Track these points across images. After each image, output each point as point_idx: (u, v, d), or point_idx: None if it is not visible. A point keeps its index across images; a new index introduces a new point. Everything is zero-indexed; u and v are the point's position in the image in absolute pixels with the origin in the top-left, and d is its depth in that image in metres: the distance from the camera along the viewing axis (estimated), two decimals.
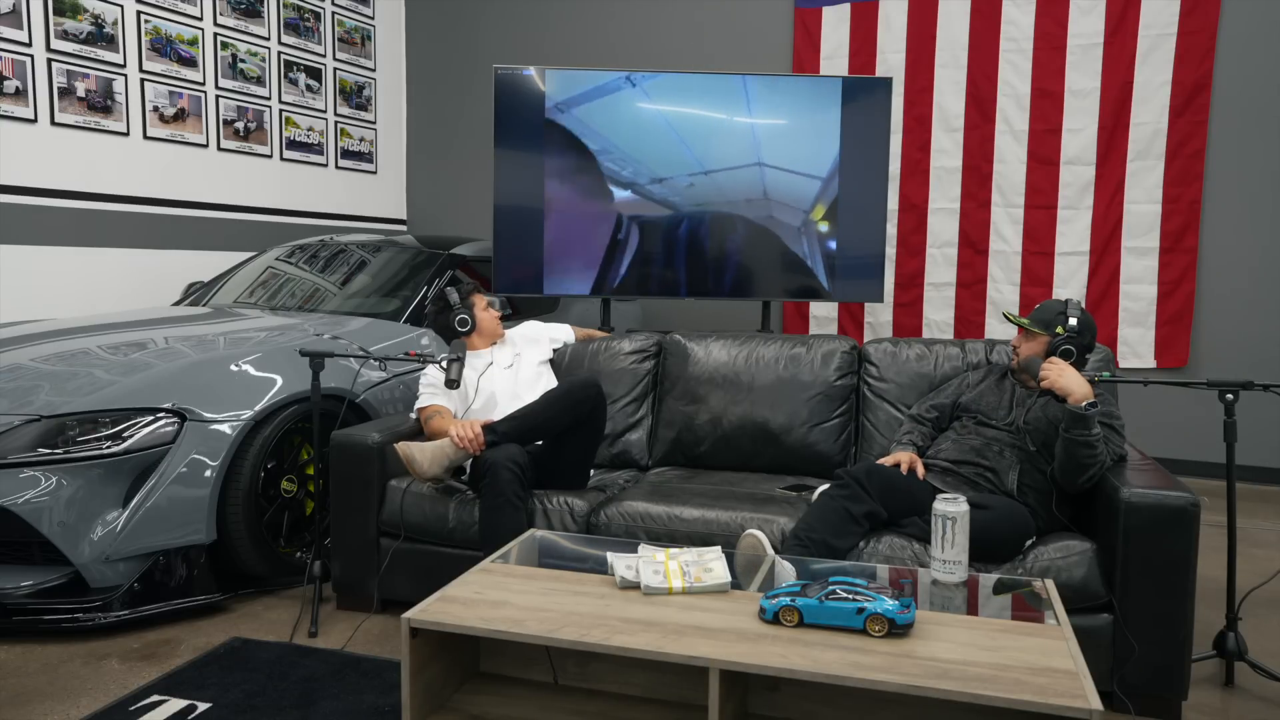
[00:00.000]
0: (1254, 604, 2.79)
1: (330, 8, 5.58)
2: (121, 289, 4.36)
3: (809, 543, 2.23)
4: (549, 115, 4.03)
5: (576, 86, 4.04)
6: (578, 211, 4.07)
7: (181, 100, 4.63)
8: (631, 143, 4.06)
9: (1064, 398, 2.29)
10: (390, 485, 2.73)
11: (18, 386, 2.70)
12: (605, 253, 4.10)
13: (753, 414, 3.00)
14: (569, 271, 4.10)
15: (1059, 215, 4.80)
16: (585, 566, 2.07)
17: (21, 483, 2.50)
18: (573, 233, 4.08)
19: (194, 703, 2.16)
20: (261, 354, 2.96)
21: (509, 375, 2.98)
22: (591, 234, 4.09)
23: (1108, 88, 4.66)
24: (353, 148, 5.79)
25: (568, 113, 4.04)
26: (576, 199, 4.07)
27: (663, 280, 4.13)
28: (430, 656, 1.88)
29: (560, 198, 4.06)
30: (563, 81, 4.04)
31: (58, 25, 4.04)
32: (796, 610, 1.72)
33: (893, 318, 5.13)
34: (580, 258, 4.10)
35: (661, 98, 4.06)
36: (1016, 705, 1.47)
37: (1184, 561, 2.10)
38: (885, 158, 4.12)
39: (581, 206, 4.07)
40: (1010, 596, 1.98)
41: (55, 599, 2.56)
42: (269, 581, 2.89)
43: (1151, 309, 4.70)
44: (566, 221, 4.07)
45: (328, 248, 4.11)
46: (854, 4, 5.04)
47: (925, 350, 2.98)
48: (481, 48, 5.91)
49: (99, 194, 4.26)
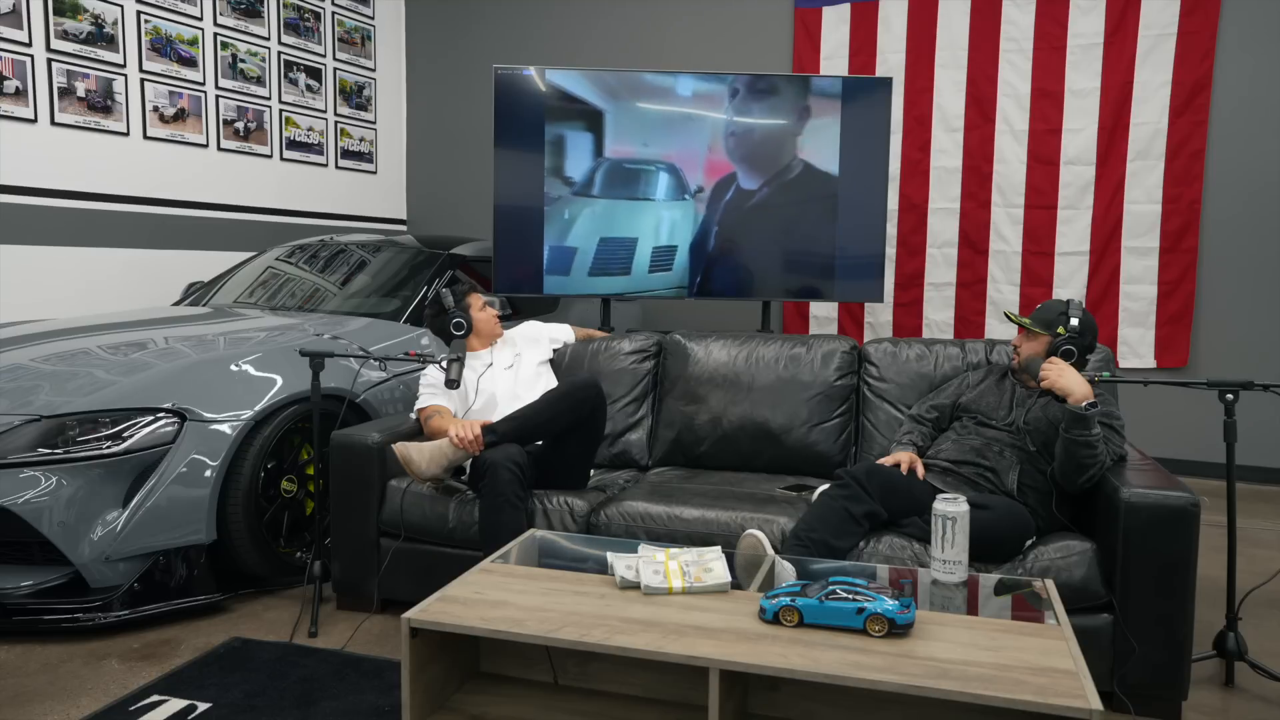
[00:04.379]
0: (1254, 604, 2.79)
1: (330, 8, 5.58)
2: (121, 289, 4.36)
3: (809, 543, 2.23)
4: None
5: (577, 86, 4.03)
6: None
7: (181, 100, 4.63)
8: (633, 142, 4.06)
9: (1064, 398, 2.29)
10: (390, 485, 2.73)
11: (18, 386, 2.70)
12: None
13: (753, 414, 3.00)
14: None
15: (1059, 215, 4.80)
16: (585, 566, 2.07)
17: (21, 483, 2.50)
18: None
19: (194, 703, 2.16)
20: (261, 354, 2.96)
21: (509, 375, 2.98)
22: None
23: (1108, 88, 4.66)
24: (353, 148, 5.79)
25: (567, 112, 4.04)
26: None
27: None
28: (430, 656, 1.88)
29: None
30: (563, 81, 4.04)
31: (58, 25, 4.04)
32: (796, 610, 1.72)
33: (893, 318, 5.13)
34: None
35: (662, 99, 4.06)
36: (1016, 705, 1.46)
37: (1184, 561, 2.10)
38: (885, 158, 4.12)
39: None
40: (1010, 596, 1.98)
41: (55, 599, 2.56)
42: (269, 581, 2.89)
43: (1151, 309, 4.70)
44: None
45: (328, 248, 4.11)
46: (854, 4, 5.04)
47: (925, 350, 2.98)
48: (481, 48, 5.91)
49: (99, 194, 4.26)
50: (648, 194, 4.01)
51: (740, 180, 4.10)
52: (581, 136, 3.96)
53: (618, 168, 4.00)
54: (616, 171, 3.90)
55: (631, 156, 4.01)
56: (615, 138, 4.01)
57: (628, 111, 4.00)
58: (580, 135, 3.97)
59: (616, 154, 4.01)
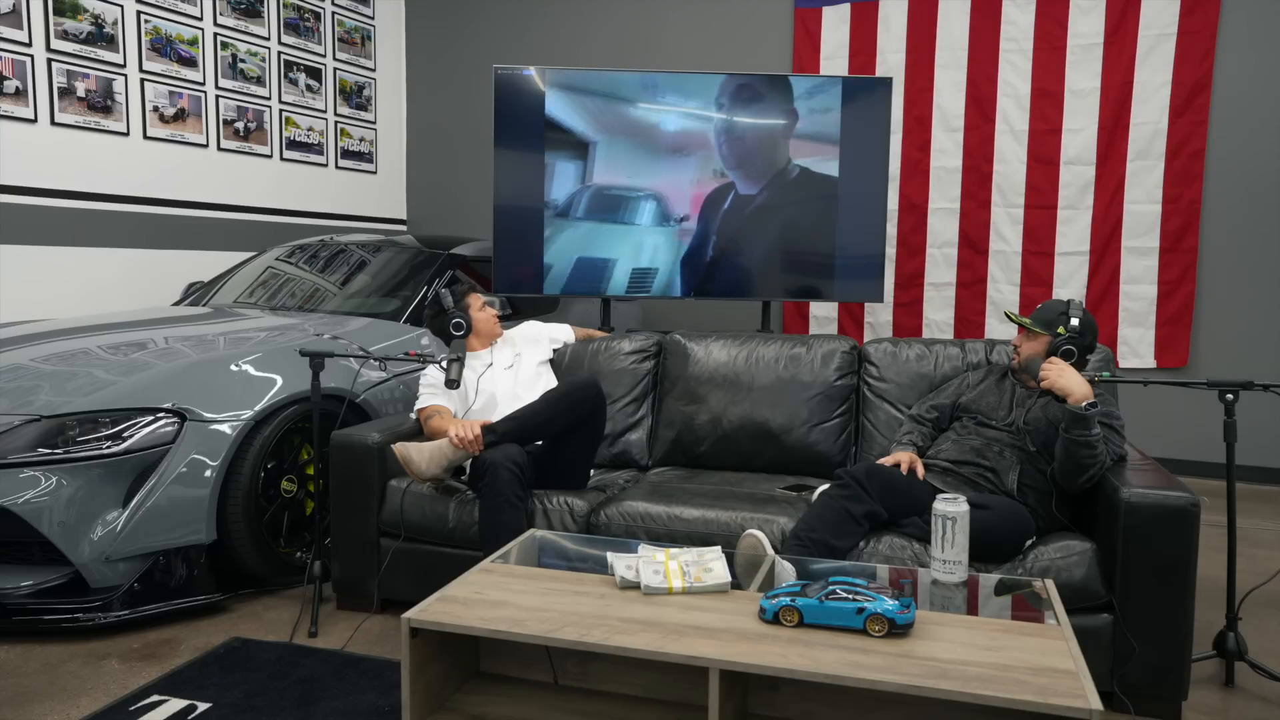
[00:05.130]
0: (1254, 604, 2.79)
1: (330, 8, 5.58)
2: (121, 289, 4.36)
3: (809, 543, 2.23)
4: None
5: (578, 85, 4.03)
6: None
7: (181, 100, 4.63)
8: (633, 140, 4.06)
9: (1064, 398, 2.29)
10: (390, 485, 2.73)
11: (18, 386, 2.70)
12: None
13: (753, 414, 3.00)
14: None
15: (1059, 215, 4.80)
16: (585, 566, 2.07)
17: (21, 483, 2.50)
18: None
19: (194, 703, 2.16)
20: (261, 354, 2.96)
21: (509, 375, 2.98)
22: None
23: (1108, 88, 4.66)
24: (353, 148, 5.79)
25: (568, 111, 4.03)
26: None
27: (662, 280, 4.12)
28: (430, 656, 1.88)
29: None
30: (564, 81, 4.04)
31: (58, 25, 4.04)
32: (796, 610, 1.72)
33: (893, 318, 5.13)
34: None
35: (663, 99, 4.06)
36: (1016, 705, 1.46)
37: (1184, 561, 2.10)
38: (885, 158, 4.12)
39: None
40: (1010, 596, 1.98)
41: (55, 599, 2.56)
42: (269, 581, 2.89)
43: (1151, 309, 4.70)
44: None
45: (328, 248, 4.11)
46: (854, 4, 5.04)
47: (925, 350, 2.98)
48: (481, 48, 5.91)
49: (99, 194, 4.26)
50: (631, 219, 3.99)
51: (739, 186, 4.10)
52: (570, 165, 3.96)
53: (601, 193, 3.99)
54: (600, 197, 3.91)
55: (621, 185, 3.99)
56: (604, 168, 4.01)
57: (615, 145, 3.98)
58: (568, 164, 3.97)
59: (604, 182, 4.00)
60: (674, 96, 4.06)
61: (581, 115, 3.95)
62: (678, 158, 4.01)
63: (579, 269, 3.93)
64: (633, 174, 3.91)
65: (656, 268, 3.99)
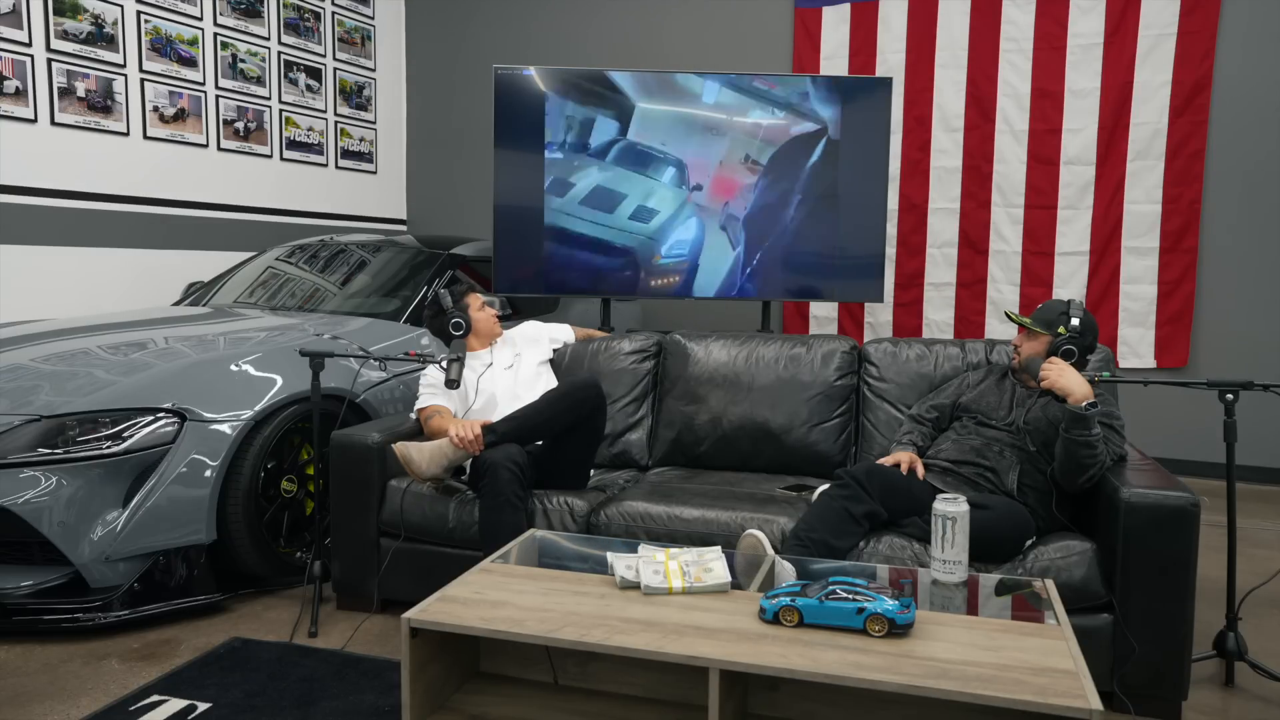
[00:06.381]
0: (1254, 604, 2.79)
1: (330, 8, 5.58)
2: (121, 289, 4.36)
3: (809, 543, 2.23)
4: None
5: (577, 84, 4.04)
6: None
7: (181, 100, 4.63)
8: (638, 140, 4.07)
9: (1064, 398, 2.29)
10: (390, 485, 2.73)
11: (18, 386, 2.70)
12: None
13: (753, 414, 3.00)
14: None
15: (1059, 215, 4.80)
16: (585, 566, 2.07)
17: (21, 483, 2.50)
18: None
19: (194, 703, 2.16)
20: (261, 354, 2.96)
21: (509, 375, 2.98)
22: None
23: (1108, 88, 4.66)
24: (353, 148, 5.79)
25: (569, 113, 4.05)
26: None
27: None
28: (430, 656, 1.88)
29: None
30: (564, 80, 4.04)
31: (58, 25, 4.04)
32: (796, 610, 1.72)
33: (893, 318, 5.13)
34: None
35: (663, 99, 4.06)
36: (1016, 705, 1.46)
37: (1184, 561, 2.10)
38: (885, 158, 4.12)
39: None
40: (1010, 596, 1.98)
41: (55, 599, 2.56)
42: (269, 581, 2.89)
43: (1151, 309, 4.70)
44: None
45: (328, 248, 4.11)
46: (854, 4, 5.04)
47: (925, 350, 2.98)
48: (481, 48, 5.91)
49: (99, 194, 4.26)
50: (651, 175, 4.17)
51: (742, 186, 4.10)
52: (608, 123, 4.15)
53: (632, 148, 4.14)
54: (629, 151, 4.16)
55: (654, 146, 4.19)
56: (638, 131, 4.16)
57: (649, 113, 4.16)
58: (607, 121, 4.14)
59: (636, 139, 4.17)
60: (672, 96, 4.07)
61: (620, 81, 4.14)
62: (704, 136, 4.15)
63: (594, 194, 4.13)
64: (664, 142, 4.18)
65: (659, 210, 4.15)
